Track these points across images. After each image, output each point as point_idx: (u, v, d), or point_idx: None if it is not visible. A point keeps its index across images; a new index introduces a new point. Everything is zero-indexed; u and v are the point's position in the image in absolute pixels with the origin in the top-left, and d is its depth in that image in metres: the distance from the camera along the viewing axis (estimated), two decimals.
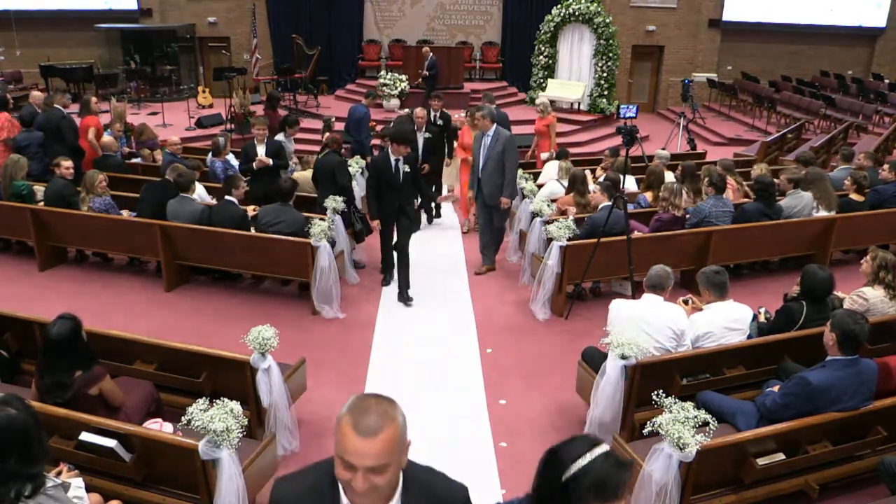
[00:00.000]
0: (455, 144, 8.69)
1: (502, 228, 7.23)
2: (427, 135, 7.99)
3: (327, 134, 7.78)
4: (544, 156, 9.21)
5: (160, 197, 6.53)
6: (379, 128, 10.50)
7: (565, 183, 7.49)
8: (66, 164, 6.89)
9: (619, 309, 4.33)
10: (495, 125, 6.73)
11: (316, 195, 7.11)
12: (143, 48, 16.58)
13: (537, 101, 9.69)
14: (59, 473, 2.95)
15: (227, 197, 6.37)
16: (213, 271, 6.73)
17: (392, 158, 6.13)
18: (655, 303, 4.24)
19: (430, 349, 5.60)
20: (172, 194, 6.45)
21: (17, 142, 7.87)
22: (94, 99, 8.69)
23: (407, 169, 6.18)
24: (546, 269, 6.02)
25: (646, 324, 4.17)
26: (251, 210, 6.59)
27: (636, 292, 5.72)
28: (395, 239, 6.44)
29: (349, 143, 9.29)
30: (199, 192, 6.91)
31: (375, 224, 6.42)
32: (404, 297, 6.39)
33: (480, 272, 7.10)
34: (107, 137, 8.35)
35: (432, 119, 8.61)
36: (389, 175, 6.18)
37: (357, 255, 7.20)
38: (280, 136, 8.11)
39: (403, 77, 14.57)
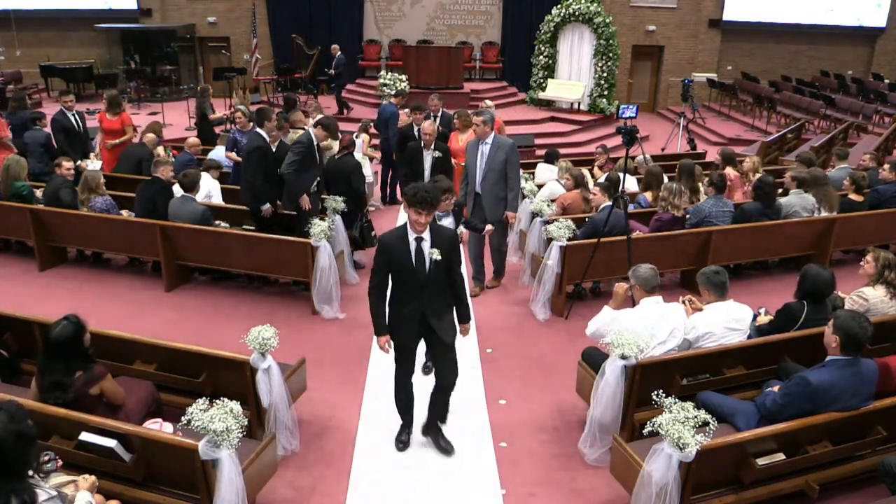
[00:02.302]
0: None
1: (503, 251, 6.64)
2: (437, 153, 6.87)
3: (346, 136, 7.50)
4: None
5: (149, 194, 6.51)
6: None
7: (565, 183, 7.48)
8: (67, 165, 6.91)
9: (625, 322, 4.13)
10: (494, 133, 6.07)
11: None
12: (143, 48, 16.60)
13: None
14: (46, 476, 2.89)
15: (257, 129, 6.58)
16: (214, 271, 6.73)
17: (411, 238, 3.78)
18: (660, 309, 4.17)
19: None
20: (166, 192, 6.47)
21: (22, 140, 7.91)
22: (102, 95, 8.66)
23: (437, 257, 3.77)
24: (546, 269, 6.03)
25: (659, 333, 4.12)
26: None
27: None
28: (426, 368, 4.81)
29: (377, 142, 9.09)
30: (212, 187, 6.93)
31: (384, 341, 3.98)
32: (440, 444, 4.27)
33: (475, 294, 6.52)
34: (149, 134, 8.52)
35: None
36: (406, 266, 3.82)
37: (357, 256, 7.19)
38: (259, 130, 8.00)
39: (403, 77, 14.57)
